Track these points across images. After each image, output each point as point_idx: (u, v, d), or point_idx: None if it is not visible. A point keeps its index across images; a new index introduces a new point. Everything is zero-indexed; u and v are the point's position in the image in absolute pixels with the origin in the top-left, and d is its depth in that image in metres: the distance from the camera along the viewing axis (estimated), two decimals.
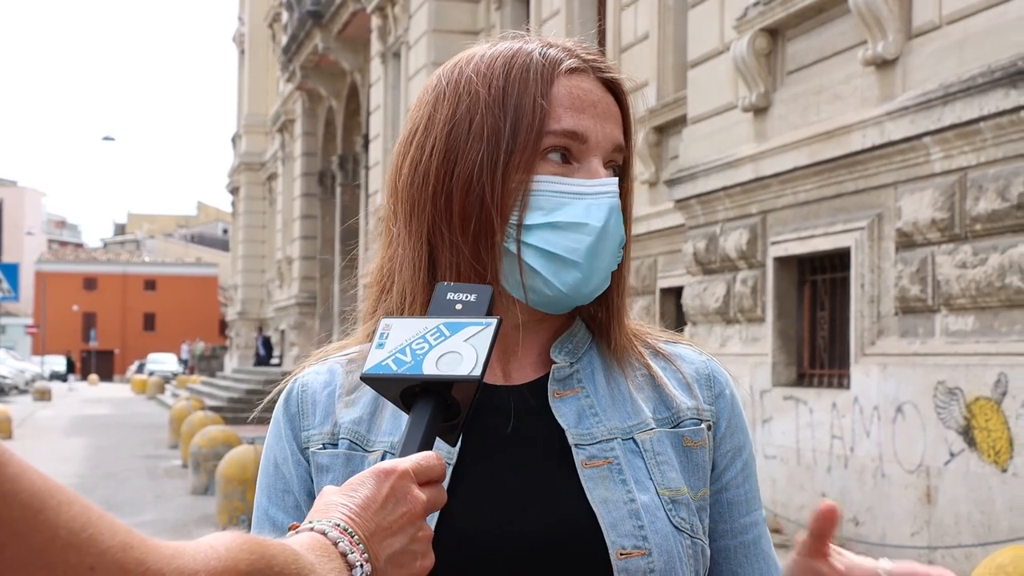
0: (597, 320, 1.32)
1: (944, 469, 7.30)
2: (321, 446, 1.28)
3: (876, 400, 8.01)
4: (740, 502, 1.32)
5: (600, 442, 1.24)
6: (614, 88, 1.30)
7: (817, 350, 9.21)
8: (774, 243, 9.38)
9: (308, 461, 1.29)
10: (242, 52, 42.74)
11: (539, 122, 1.24)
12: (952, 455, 7.24)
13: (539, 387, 1.29)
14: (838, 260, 8.75)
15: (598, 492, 1.21)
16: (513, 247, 1.24)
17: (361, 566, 0.96)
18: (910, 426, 7.64)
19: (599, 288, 1.26)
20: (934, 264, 7.54)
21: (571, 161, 1.25)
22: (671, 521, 1.22)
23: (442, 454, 1.21)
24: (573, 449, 1.24)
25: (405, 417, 1.21)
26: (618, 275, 1.30)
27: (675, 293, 12.00)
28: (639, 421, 1.27)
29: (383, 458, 1.25)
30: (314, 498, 1.25)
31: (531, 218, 1.24)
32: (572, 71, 1.28)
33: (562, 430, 1.25)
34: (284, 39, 30.80)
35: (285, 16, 31.40)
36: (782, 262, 9.37)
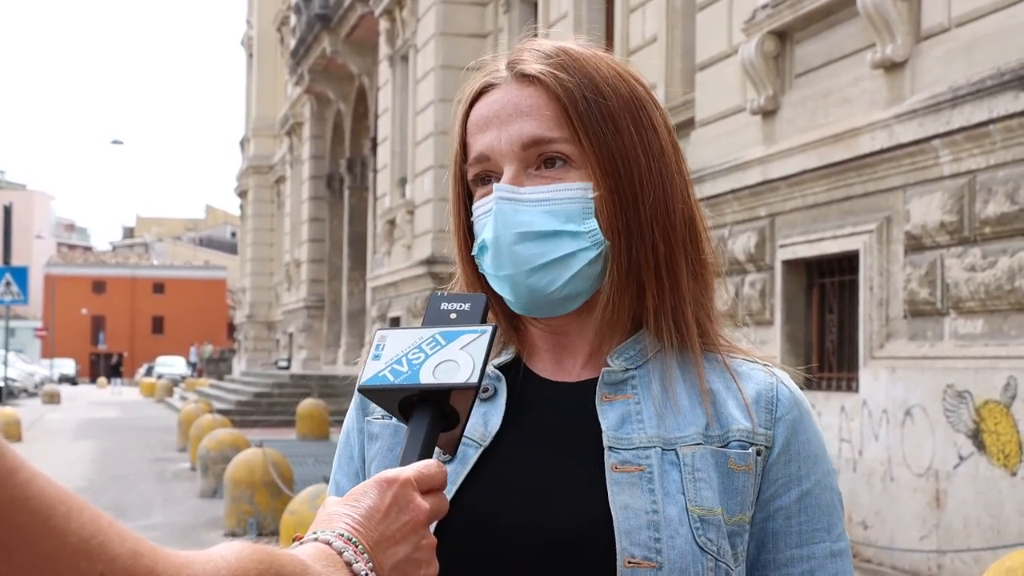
0: (612, 322, 1.30)
1: (953, 473, 7.28)
2: (379, 416, 1.34)
3: (885, 403, 7.99)
4: (790, 533, 1.26)
5: (637, 448, 1.23)
6: (537, 79, 1.28)
7: (826, 353, 9.20)
8: (782, 246, 9.37)
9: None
10: (250, 55, 42.82)
11: (459, 164, 1.33)
12: (961, 458, 7.22)
13: (588, 387, 1.29)
14: (847, 263, 8.73)
15: (621, 498, 1.20)
16: (484, 273, 1.32)
17: (367, 575, 0.96)
18: (919, 429, 7.63)
19: (548, 287, 1.26)
20: (943, 267, 7.53)
21: (496, 178, 1.29)
22: (696, 539, 1.19)
23: (466, 445, 1.26)
24: (606, 451, 1.23)
25: None
26: (621, 272, 1.27)
27: None
28: (686, 435, 1.24)
29: None
30: None
31: (476, 247, 1.31)
32: (485, 90, 1.31)
33: (600, 432, 1.24)
34: (292, 42, 30.85)
35: (293, 19, 31.45)
36: (790, 265, 9.36)
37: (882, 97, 8.16)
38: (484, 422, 1.27)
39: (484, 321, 1.15)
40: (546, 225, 1.25)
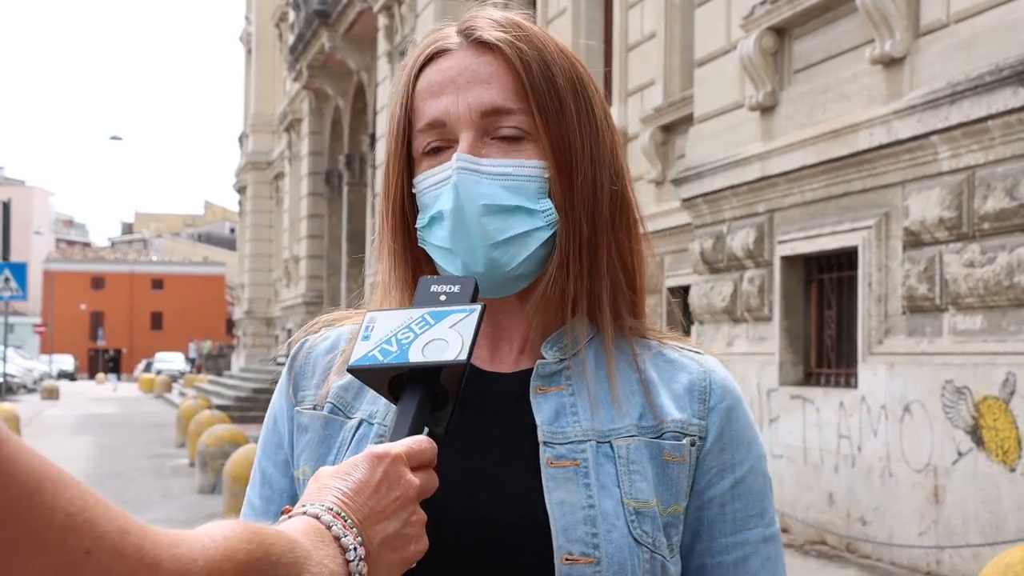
0: (560, 304, 1.28)
1: (952, 468, 7.28)
2: (311, 407, 1.31)
3: (883, 399, 7.99)
4: (724, 521, 1.26)
5: (572, 443, 1.22)
6: (496, 47, 1.26)
7: (824, 349, 9.20)
8: (781, 242, 9.37)
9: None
10: (249, 51, 42.79)
11: (404, 131, 1.28)
12: (960, 454, 7.22)
13: (523, 378, 1.27)
14: (845, 259, 8.73)
15: (557, 493, 1.19)
16: (425, 247, 1.28)
17: (355, 549, 0.96)
18: (918, 425, 7.63)
19: (506, 264, 1.24)
20: (942, 263, 7.53)
21: (449, 145, 1.25)
22: (631, 532, 1.18)
23: None
24: (542, 446, 1.21)
25: None
26: (565, 253, 1.25)
27: (682, 292, 11.99)
28: (620, 427, 1.23)
29: (359, 426, 1.26)
30: None
31: (423, 218, 1.27)
32: (437, 55, 1.28)
33: (535, 426, 1.23)
34: (291, 38, 30.83)
35: (292, 15, 31.43)
36: (789, 261, 9.36)
37: (881, 93, 8.16)
38: None
39: (473, 302, 1.15)
40: (507, 200, 1.23)
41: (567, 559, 1.16)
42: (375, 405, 1.27)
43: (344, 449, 1.26)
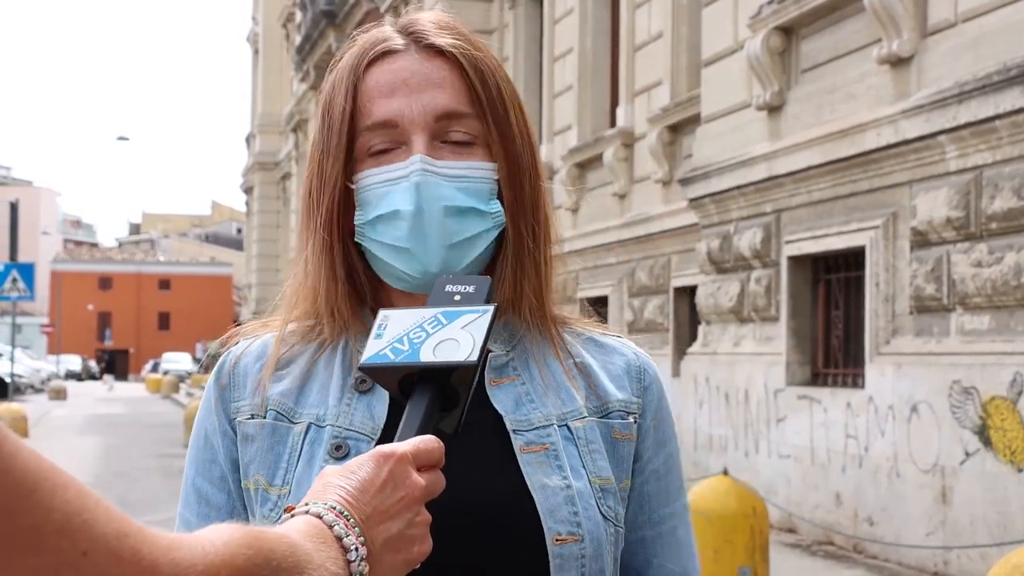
0: (512, 301, 1.31)
1: (959, 469, 7.27)
2: (249, 416, 1.29)
3: (891, 399, 7.98)
4: (660, 494, 1.34)
5: (537, 428, 1.26)
6: (448, 52, 1.27)
7: (831, 349, 9.19)
8: (788, 242, 9.36)
9: (235, 432, 1.30)
10: (256, 52, 42.86)
11: (347, 127, 1.27)
12: (967, 455, 7.21)
13: None
14: (852, 259, 8.72)
15: (536, 477, 1.23)
16: (365, 243, 1.28)
17: (356, 549, 0.95)
18: (925, 426, 7.62)
19: (456, 265, 1.26)
20: (949, 263, 7.52)
21: (398, 146, 1.26)
22: (600, 509, 1.24)
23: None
24: (512, 435, 1.25)
25: (331, 389, 1.26)
26: (514, 253, 1.29)
27: (689, 292, 11.99)
28: (573, 409, 1.29)
29: (308, 430, 1.26)
30: (238, 468, 1.29)
31: (365, 215, 1.27)
32: (384, 55, 1.28)
33: (500, 416, 1.26)
34: (298, 39, 30.86)
35: (299, 16, 31.46)
36: (796, 261, 9.35)
37: (888, 93, 8.15)
38: (371, 415, 1.26)
39: (488, 303, 1.15)
40: (463, 202, 1.25)
41: (557, 539, 1.21)
42: (321, 408, 1.27)
43: (295, 455, 1.26)
